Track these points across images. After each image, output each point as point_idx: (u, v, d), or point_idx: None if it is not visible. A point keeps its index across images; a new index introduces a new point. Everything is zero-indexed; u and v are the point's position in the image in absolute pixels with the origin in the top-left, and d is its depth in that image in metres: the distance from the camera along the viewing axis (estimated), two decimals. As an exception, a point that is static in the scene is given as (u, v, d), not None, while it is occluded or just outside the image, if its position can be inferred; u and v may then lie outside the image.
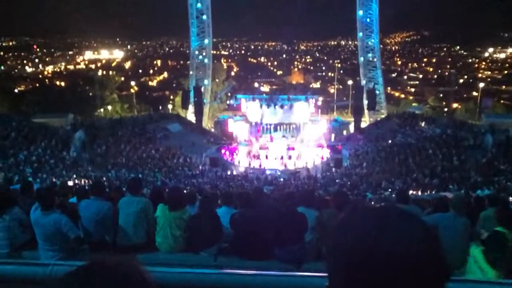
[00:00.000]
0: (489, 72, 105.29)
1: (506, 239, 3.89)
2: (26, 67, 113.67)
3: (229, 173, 31.52)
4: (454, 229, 4.98)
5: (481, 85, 63.00)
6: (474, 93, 70.61)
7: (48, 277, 1.56)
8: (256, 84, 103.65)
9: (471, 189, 16.27)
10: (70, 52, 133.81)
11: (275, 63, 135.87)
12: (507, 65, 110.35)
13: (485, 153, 25.52)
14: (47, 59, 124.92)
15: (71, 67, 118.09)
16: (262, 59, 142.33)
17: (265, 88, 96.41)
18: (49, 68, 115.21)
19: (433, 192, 18.27)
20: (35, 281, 1.56)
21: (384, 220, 0.80)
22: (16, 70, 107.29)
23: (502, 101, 70.06)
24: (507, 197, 8.44)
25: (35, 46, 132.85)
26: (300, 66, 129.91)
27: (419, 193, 18.81)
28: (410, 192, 16.71)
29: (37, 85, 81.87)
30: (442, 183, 21.53)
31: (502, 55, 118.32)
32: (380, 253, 0.75)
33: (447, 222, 5.05)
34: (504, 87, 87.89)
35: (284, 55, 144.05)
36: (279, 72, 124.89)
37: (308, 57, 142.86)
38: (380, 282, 0.74)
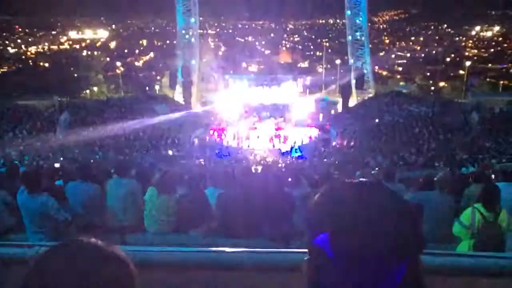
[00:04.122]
0: (476, 51, 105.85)
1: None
2: (9, 48, 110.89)
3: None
4: (439, 206, 5.08)
5: (468, 63, 63.33)
6: (461, 72, 71.01)
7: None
8: (244, 64, 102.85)
9: (456, 167, 16.53)
10: (54, 32, 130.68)
11: (263, 42, 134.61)
12: (493, 43, 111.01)
13: (470, 131, 25.87)
14: (29, 39, 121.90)
15: (54, 47, 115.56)
16: (250, 38, 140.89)
17: (253, 68, 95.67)
18: (32, 49, 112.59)
19: (419, 170, 18.51)
20: (22, 262, 1.56)
21: (361, 194, 0.82)
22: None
23: (488, 79, 70.68)
24: (491, 174, 8.58)
25: (17, 26, 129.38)
26: (288, 46, 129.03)
27: (406, 171, 19.04)
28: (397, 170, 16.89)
29: (20, 66, 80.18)
30: (428, 161, 21.83)
31: (489, 34, 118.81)
32: (358, 226, 0.77)
33: (432, 200, 5.14)
34: (490, 65, 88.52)
35: (272, 34, 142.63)
36: (266, 52, 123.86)
37: (296, 36, 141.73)
38: (357, 255, 0.76)
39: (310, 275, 0.86)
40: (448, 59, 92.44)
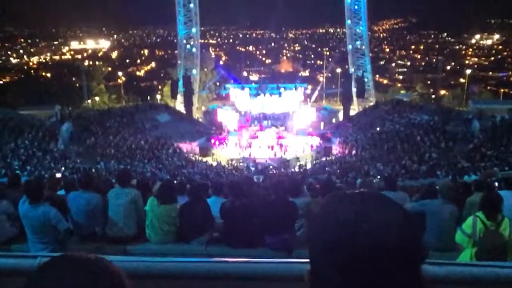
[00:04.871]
0: (476, 59, 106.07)
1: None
2: (11, 58, 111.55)
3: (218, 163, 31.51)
4: (442, 215, 5.06)
5: (468, 71, 63.48)
6: (462, 80, 71.19)
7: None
8: (245, 73, 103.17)
9: (458, 175, 16.49)
10: (55, 42, 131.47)
11: (264, 51, 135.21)
12: (493, 51, 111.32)
13: (472, 139, 25.84)
14: (32, 49, 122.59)
15: (56, 57, 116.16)
16: (251, 47, 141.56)
17: (254, 77, 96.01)
18: (34, 59, 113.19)
19: (421, 179, 18.47)
20: (24, 273, 1.56)
21: (362, 205, 0.82)
22: (0, 62, 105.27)
23: (489, 87, 70.76)
24: (493, 183, 8.55)
25: (19, 37, 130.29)
26: (288, 55, 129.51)
27: (408, 179, 19.00)
28: (399, 179, 16.86)
29: (23, 76, 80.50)
30: (430, 170, 21.79)
31: (489, 42, 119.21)
32: (359, 238, 0.76)
33: (435, 208, 5.12)
34: (490, 73, 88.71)
35: (273, 44, 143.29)
36: (267, 61, 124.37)
37: (297, 45, 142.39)
38: (359, 266, 0.76)
39: (311, 286, 0.86)
40: (448, 68, 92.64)
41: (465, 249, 4.08)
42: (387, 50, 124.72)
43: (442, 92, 69.73)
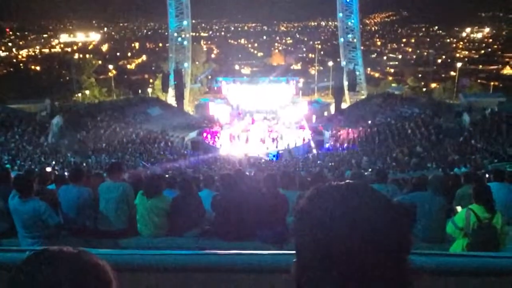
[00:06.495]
0: (467, 52, 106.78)
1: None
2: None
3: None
4: (432, 207, 5.10)
5: (459, 65, 63.87)
6: (452, 73, 71.65)
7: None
8: (236, 66, 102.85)
9: (448, 168, 16.63)
10: (45, 35, 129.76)
11: (256, 44, 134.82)
12: (484, 45, 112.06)
13: (462, 132, 26.06)
14: (20, 42, 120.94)
15: (46, 50, 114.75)
16: (242, 40, 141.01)
17: (246, 70, 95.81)
18: (24, 52, 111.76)
19: (412, 171, 18.60)
20: (13, 267, 1.54)
21: (347, 197, 0.82)
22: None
23: (479, 81, 71.31)
24: (483, 175, 8.65)
25: (7, 29, 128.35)
26: (280, 48, 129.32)
27: (398, 172, 19.12)
28: (389, 171, 16.97)
29: (12, 69, 79.53)
30: (421, 162, 21.94)
31: (479, 35, 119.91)
32: (344, 229, 0.77)
33: (425, 200, 5.16)
34: (481, 66, 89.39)
35: (264, 37, 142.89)
36: (259, 54, 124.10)
37: (289, 38, 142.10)
38: (344, 257, 0.76)
39: (297, 277, 0.86)
40: (439, 61, 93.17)
41: (456, 240, 4.12)
42: (379, 43, 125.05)
43: (433, 85, 70.16)
